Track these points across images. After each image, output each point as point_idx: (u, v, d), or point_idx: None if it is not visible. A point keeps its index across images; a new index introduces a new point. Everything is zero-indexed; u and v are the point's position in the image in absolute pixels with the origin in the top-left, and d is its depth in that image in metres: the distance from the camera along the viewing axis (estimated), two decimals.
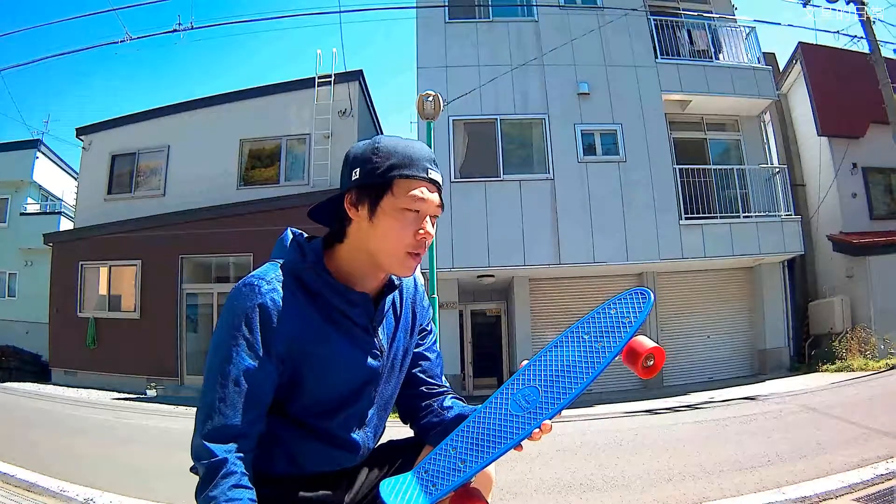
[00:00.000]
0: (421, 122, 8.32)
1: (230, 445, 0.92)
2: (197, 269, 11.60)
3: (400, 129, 35.05)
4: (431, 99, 7.51)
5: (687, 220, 9.92)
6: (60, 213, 16.33)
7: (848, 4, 9.91)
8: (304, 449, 1.05)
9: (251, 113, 11.92)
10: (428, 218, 1.02)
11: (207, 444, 0.91)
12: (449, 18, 10.76)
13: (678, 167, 10.17)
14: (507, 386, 1.02)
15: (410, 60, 21.07)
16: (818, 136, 11.58)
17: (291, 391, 1.02)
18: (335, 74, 11.65)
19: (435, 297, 7.25)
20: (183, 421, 5.90)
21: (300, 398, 1.03)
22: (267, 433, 1.00)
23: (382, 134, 1.12)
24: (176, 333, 10.85)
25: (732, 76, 10.68)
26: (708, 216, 9.97)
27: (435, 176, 1.03)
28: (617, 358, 1.00)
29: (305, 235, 1.09)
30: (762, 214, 10.19)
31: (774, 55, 12.69)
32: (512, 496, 3.02)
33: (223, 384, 0.94)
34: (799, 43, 12.26)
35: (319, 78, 11.75)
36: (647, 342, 1.00)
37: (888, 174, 11.63)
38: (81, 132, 12.94)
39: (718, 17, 11.26)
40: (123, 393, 9.72)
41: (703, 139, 11.22)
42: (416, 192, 1.00)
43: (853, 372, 8.18)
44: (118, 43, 9.89)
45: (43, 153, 17.22)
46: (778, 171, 10.79)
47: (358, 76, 12.29)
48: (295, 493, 1.06)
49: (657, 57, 10.60)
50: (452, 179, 9.66)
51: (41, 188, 17.21)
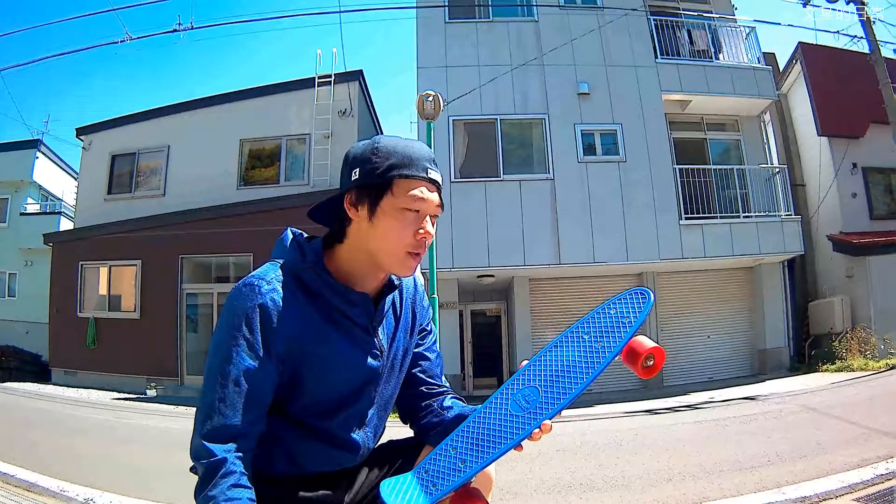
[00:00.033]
0: (421, 122, 8.32)
1: (229, 445, 0.92)
2: (197, 269, 11.61)
3: (400, 129, 35.05)
4: (431, 99, 7.51)
5: (687, 220, 9.92)
6: (60, 213, 16.33)
7: (848, 4, 9.91)
8: (304, 449, 1.05)
9: (251, 113, 11.92)
10: (428, 217, 1.02)
11: (207, 443, 0.91)
12: (449, 18, 10.76)
13: (678, 167, 10.18)
14: (507, 386, 1.02)
15: (410, 60, 21.10)
16: (818, 136, 11.58)
17: (291, 391, 1.02)
18: (335, 74, 11.65)
19: (435, 297, 7.25)
20: (183, 421, 5.89)
21: (300, 398, 1.03)
22: (267, 433, 1.00)
23: (382, 134, 1.12)
24: (176, 333, 10.86)
25: (732, 76, 10.68)
26: (708, 216, 9.97)
27: (434, 175, 1.03)
28: (617, 358, 1.00)
29: (305, 235, 1.09)
30: (762, 214, 10.19)
31: (774, 55, 12.70)
32: (512, 496, 3.02)
33: (223, 384, 0.94)
34: (799, 43, 12.27)
35: (319, 78, 11.75)
36: (647, 342, 1.00)
37: (888, 174, 11.63)
38: (81, 132, 12.95)
39: (718, 17, 11.26)
40: (123, 393, 9.72)
41: (703, 139, 11.22)
42: (415, 191, 1.00)
43: (853, 372, 8.18)
44: (118, 43, 9.91)
45: (43, 153, 17.22)
46: (778, 171, 10.79)
47: (358, 76, 12.29)
48: (295, 492, 1.06)
49: (657, 57, 10.60)
50: (452, 179, 9.66)
51: (41, 188, 17.22)
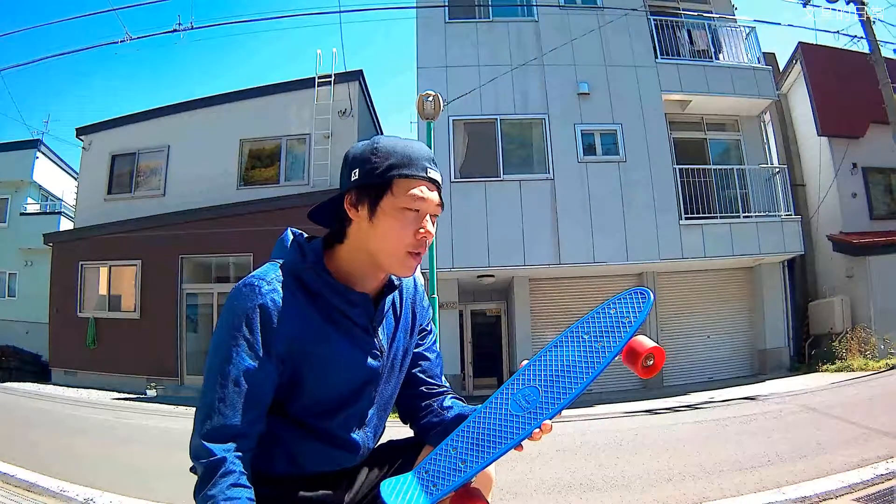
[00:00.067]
0: (421, 122, 8.32)
1: (229, 445, 0.92)
2: (197, 269, 11.61)
3: (400, 129, 35.06)
4: (431, 99, 7.51)
5: (687, 220, 9.92)
6: (60, 213, 16.33)
7: (848, 4, 9.91)
8: (304, 449, 1.05)
9: (251, 113, 11.92)
10: (428, 217, 1.02)
11: (206, 443, 0.91)
12: (449, 18, 10.76)
13: (678, 167, 10.17)
14: (507, 386, 1.02)
15: (410, 60, 21.09)
16: (818, 136, 11.58)
17: (291, 391, 1.02)
18: (335, 74, 11.65)
19: (435, 297, 7.24)
20: (183, 421, 5.88)
21: (300, 398, 1.03)
22: (267, 433, 1.00)
23: (382, 134, 1.12)
24: (176, 333, 10.86)
25: (732, 76, 10.68)
26: (708, 216, 9.97)
27: (434, 175, 1.03)
28: (617, 358, 1.00)
29: (305, 236, 1.09)
30: (762, 214, 10.19)
31: (774, 55, 12.69)
32: (512, 496, 3.02)
33: (223, 384, 0.94)
34: (799, 43, 12.27)
35: (319, 78, 11.76)
36: (646, 342, 1.00)
37: (888, 174, 11.63)
38: (81, 132, 12.95)
39: (718, 17, 11.26)
40: (123, 393, 9.72)
41: (703, 139, 11.22)
42: (415, 191, 1.00)
43: (853, 372, 8.18)
44: (118, 43, 9.91)
45: (43, 153, 17.22)
46: (778, 171, 10.79)
47: (358, 76, 12.29)
48: (295, 492, 1.06)
49: (657, 57, 10.60)
50: (452, 179, 9.66)
51: (41, 188, 17.22)
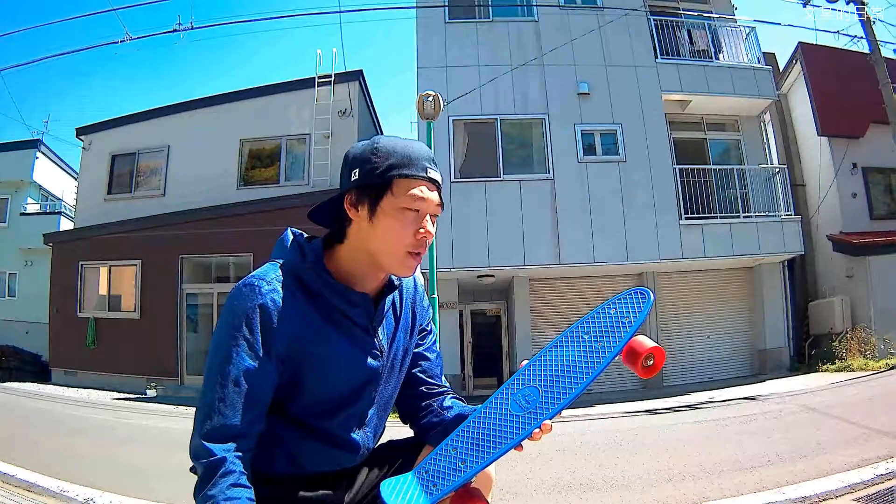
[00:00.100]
0: (421, 122, 8.32)
1: (229, 445, 0.92)
2: (197, 269, 11.61)
3: (400, 129, 35.06)
4: (431, 99, 7.51)
5: (687, 220, 9.92)
6: (60, 213, 16.33)
7: (848, 4, 9.91)
8: (304, 449, 1.05)
9: (251, 113, 11.92)
10: (428, 217, 1.02)
11: (206, 443, 0.91)
12: (449, 18, 10.76)
13: (678, 167, 10.17)
14: (507, 386, 1.02)
15: (410, 60, 21.09)
16: (818, 136, 11.58)
17: (291, 391, 1.02)
18: (335, 74, 11.65)
19: (435, 297, 7.24)
20: (183, 421, 5.88)
21: (300, 398, 1.03)
22: (267, 433, 1.00)
23: (382, 134, 1.12)
24: (176, 333, 10.86)
25: (732, 76, 10.68)
26: (708, 216, 9.97)
27: (434, 175, 1.03)
28: (617, 358, 1.00)
29: (305, 236, 1.09)
30: (762, 214, 10.19)
31: (774, 55, 12.69)
32: (512, 496, 3.02)
33: (223, 384, 0.94)
34: (799, 43, 12.27)
35: (319, 78, 11.75)
36: (646, 342, 1.00)
37: (888, 174, 11.63)
38: (81, 132, 12.95)
39: (718, 17, 11.26)
40: (123, 393, 9.72)
41: (703, 139, 11.22)
42: (415, 191, 1.00)
43: (853, 372, 8.18)
44: (118, 43, 9.91)
45: (43, 153, 17.22)
46: (778, 171, 10.79)
47: (358, 76, 12.29)
48: (295, 492, 1.06)
49: (657, 57, 10.60)
50: (452, 179, 9.66)
51: (41, 188, 17.22)
